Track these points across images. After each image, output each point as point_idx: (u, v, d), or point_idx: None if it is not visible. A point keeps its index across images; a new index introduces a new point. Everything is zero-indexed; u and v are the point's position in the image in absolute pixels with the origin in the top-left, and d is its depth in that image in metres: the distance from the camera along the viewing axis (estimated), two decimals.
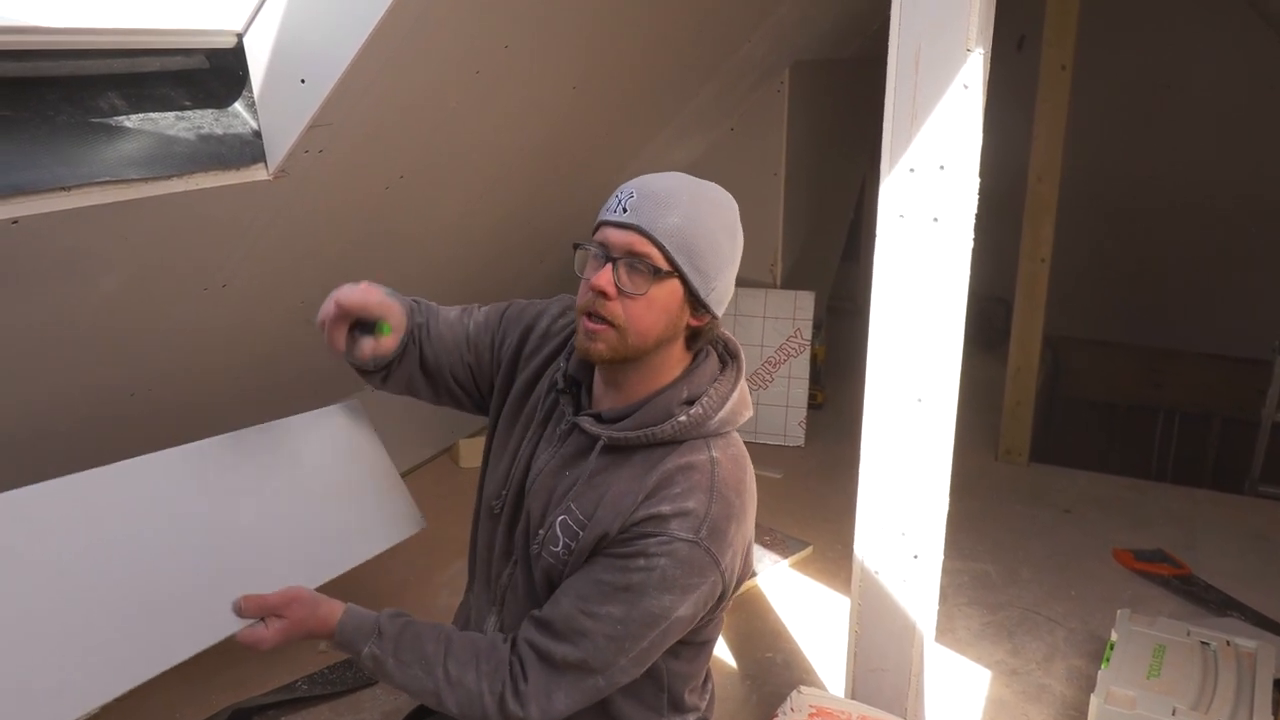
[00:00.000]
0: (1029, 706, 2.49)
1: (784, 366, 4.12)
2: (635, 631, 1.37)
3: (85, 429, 2.33)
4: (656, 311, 1.37)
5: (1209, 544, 3.29)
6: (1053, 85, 3.55)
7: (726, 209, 1.43)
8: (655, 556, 1.35)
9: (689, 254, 1.35)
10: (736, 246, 1.44)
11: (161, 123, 1.83)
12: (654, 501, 1.38)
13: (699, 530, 1.37)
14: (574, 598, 1.38)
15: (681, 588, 1.36)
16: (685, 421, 1.41)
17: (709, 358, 1.50)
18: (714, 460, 1.42)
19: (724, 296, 1.44)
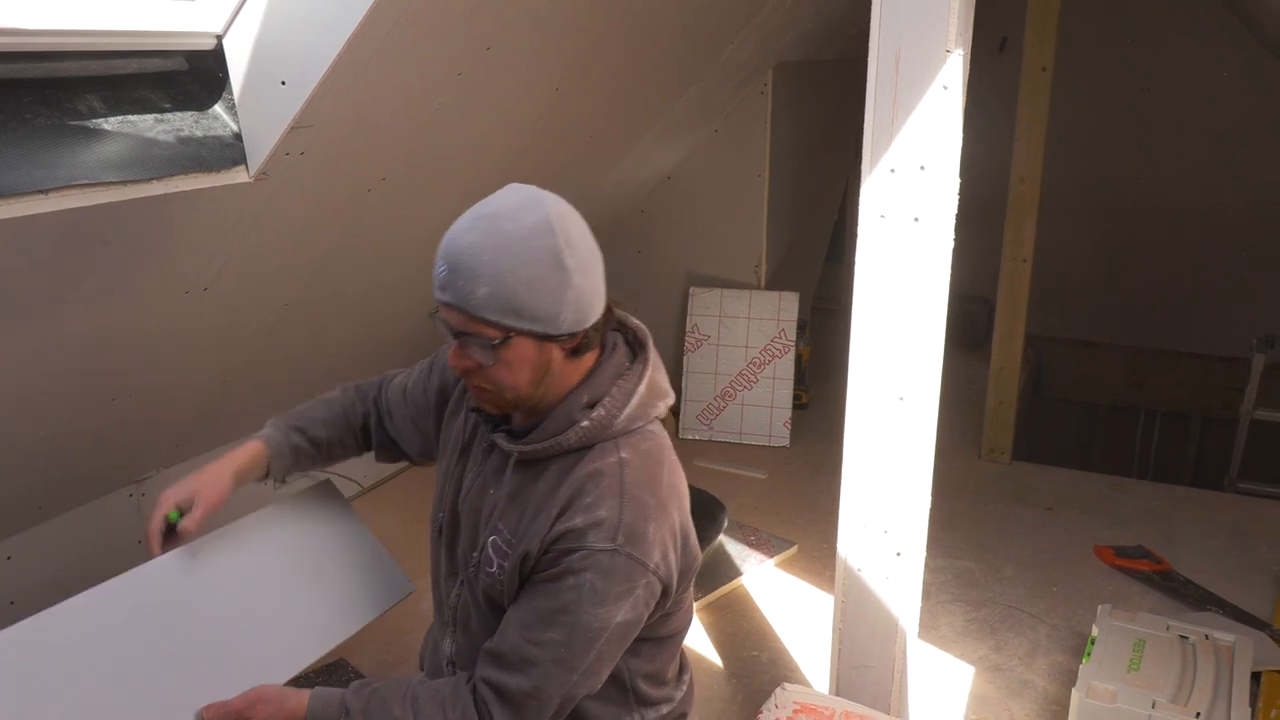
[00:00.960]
0: (1011, 702, 2.51)
1: (769, 367, 4.13)
2: (579, 650, 1.36)
3: (67, 434, 2.31)
4: (517, 368, 1.35)
5: (1188, 540, 3.32)
6: (1034, 86, 3.57)
7: (540, 237, 1.30)
8: (581, 572, 1.34)
9: (515, 312, 1.29)
10: (567, 264, 1.32)
11: (140, 125, 1.82)
12: (568, 515, 1.36)
13: (615, 538, 1.35)
14: (517, 627, 1.38)
15: (613, 597, 1.35)
16: (589, 426, 1.39)
17: (614, 352, 1.46)
18: (623, 462, 1.40)
19: (584, 311, 1.36)
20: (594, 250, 1.37)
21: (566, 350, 1.37)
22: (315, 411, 1.74)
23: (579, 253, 1.33)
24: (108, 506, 2.70)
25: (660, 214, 4.29)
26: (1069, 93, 4.24)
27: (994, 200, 3.72)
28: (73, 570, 2.63)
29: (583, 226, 1.37)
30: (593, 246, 1.37)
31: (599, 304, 1.38)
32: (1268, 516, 3.49)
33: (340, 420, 1.76)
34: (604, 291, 1.40)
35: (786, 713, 1.84)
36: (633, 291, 4.40)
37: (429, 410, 1.69)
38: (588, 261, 1.35)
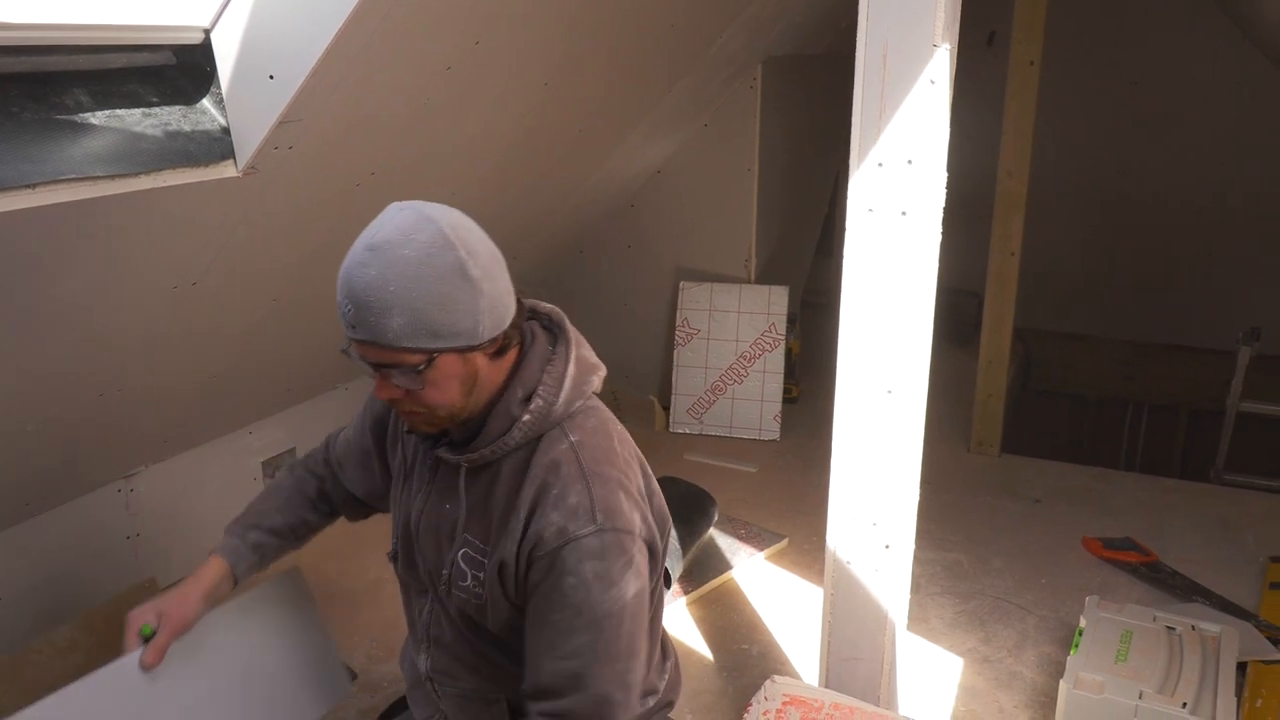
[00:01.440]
0: (1000, 693, 2.52)
1: (759, 361, 4.14)
2: (611, 638, 1.36)
3: (54, 430, 2.31)
4: (447, 385, 1.33)
5: (1176, 532, 3.34)
6: (1021, 80, 3.58)
7: (440, 254, 1.26)
8: (578, 566, 1.33)
9: (433, 334, 1.27)
10: (473, 275, 1.28)
11: (128, 120, 1.82)
12: (541, 514, 1.36)
13: (595, 518, 1.35)
14: (546, 652, 1.37)
15: (617, 573, 1.35)
16: (530, 420, 1.38)
17: (535, 341, 1.44)
18: (575, 445, 1.40)
19: (500, 314, 1.34)
20: (494, 253, 1.34)
21: (490, 355, 1.36)
22: (266, 502, 1.71)
23: (481, 260, 1.29)
24: (96, 502, 2.70)
25: (650, 208, 4.29)
26: (1057, 87, 4.25)
27: (983, 195, 3.74)
28: (61, 567, 2.63)
29: (478, 232, 1.34)
30: (492, 249, 1.34)
31: (511, 302, 1.37)
32: (1254, 508, 3.52)
33: (294, 499, 1.72)
34: (513, 288, 1.38)
35: (776, 705, 1.85)
36: (623, 286, 4.41)
37: (370, 450, 1.67)
38: (491, 266, 1.32)
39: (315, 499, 1.73)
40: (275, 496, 1.71)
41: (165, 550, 2.93)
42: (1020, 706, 2.48)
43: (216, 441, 3.04)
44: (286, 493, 1.72)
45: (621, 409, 4.30)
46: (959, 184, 1.87)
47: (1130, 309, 5.35)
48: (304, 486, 1.74)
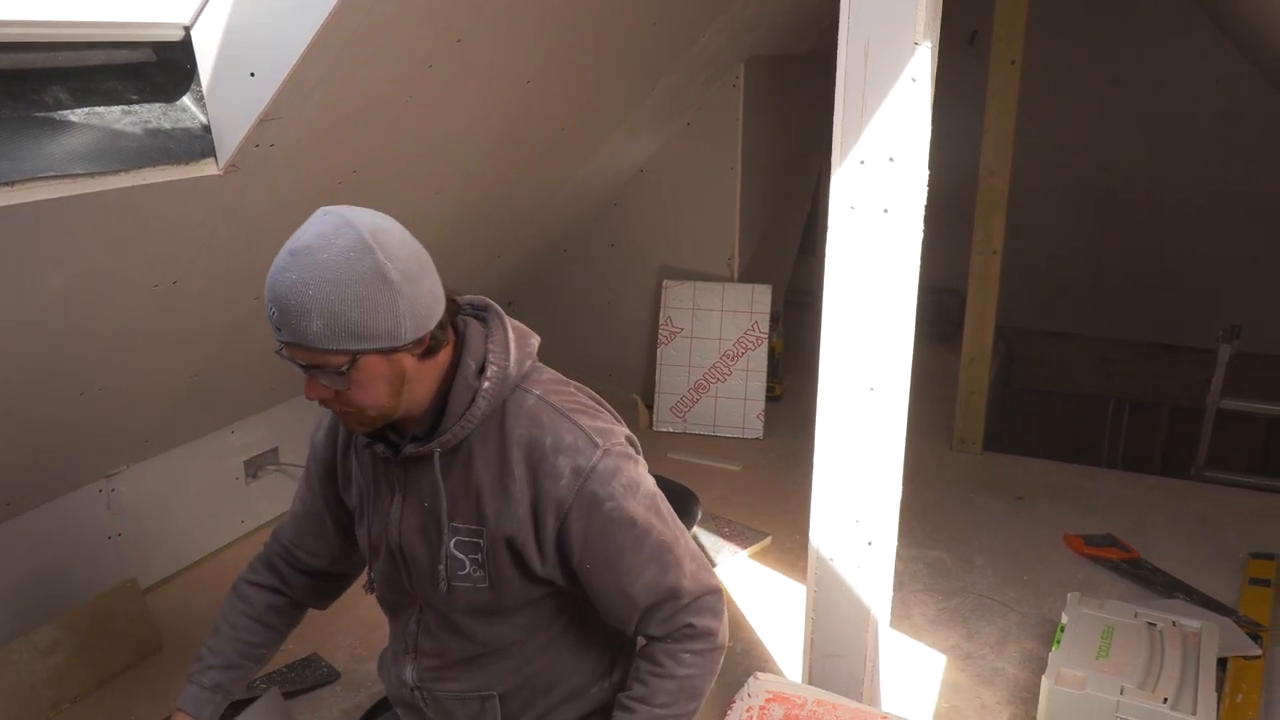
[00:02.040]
0: (983, 689, 2.54)
1: (742, 360, 4.15)
2: (664, 527, 1.45)
3: (33, 430, 2.29)
4: (373, 385, 1.33)
5: (1156, 528, 3.36)
6: (1003, 79, 3.60)
7: (358, 257, 1.27)
8: (607, 487, 1.39)
9: (354, 336, 1.28)
10: (391, 277, 1.28)
11: (108, 117, 1.81)
12: (546, 466, 1.39)
13: (595, 444, 1.40)
14: (631, 581, 1.42)
15: (636, 476, 1.44)
16: (490, 386, 1.39)
17: (469, 328, 1.45)
18: (541, 396, 1.44)
19: (423, 316, 1.33)
20: (418, 255, 1.34)
21: (417, 355, 1.36)
22: (216, 637, 1.68)
23: (401, 262, 1.29)
24: (78, 502, 2.68)
25: (633, 207, 4.30)
26: (1038, 86, 4.28)
27: (965, 193, 3.75)
28: (42, 567, 2.61)
29: (401, 236, 1.33)
30: (416, 252, 1.34)
31: (438, 304, 1.36)
32: (1234, 505, 3.55)
33: (245, 616, 1.68)
34: (440, 291, 1.37)
35: (759, 702, 1.85)
36: (606, 284, 4.41)
37: (323, 510, 1.64)
38: (413, 268, 1.31)
39: (264, 612, 1.69)
40: (224, 621, 1.67)
41: (147, 550, 2.91)
42: (1002, 702, 2.49)
43: (198, 441, 3.03)
44: (237, 614, 1.68)
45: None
46: (941, 183, 1.87)
47: (1112, 307, 5.38)
48: (250, 606, 1.69)
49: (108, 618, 2.59)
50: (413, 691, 1.58)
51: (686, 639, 1.46)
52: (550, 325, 4.65)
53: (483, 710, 1.54)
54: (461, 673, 1.54)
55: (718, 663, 1.50)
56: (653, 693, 1.45)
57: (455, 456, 1.43)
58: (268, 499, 3.35)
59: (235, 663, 1.65)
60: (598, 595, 1.45)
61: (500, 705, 1.53)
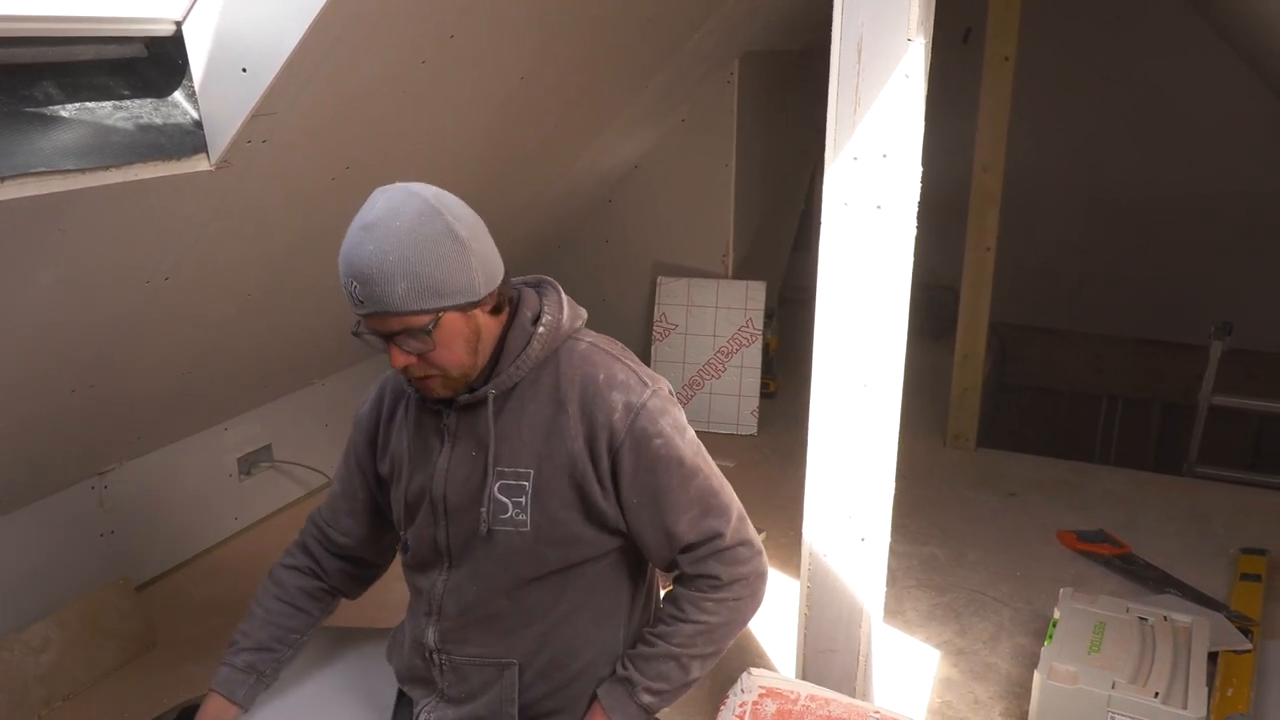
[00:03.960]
0: (975, 685, 2.54)
1: (736, 356, 4.15)
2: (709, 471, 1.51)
3: (26, 427, 2.29)
4: (455, 343, 1.42)
5: (1148, 524, 3.37)
6: (996, 76, 3.60)
7: (429, 221, 1.36)
8: (656, 423, 1.46)
9: (436, 294, 1.37)
10: (461, 235, 1.38)
11: (99, 112, 1.80)
12: (599, 399, 1.46)
13: (645, 383, 1.49)
14: (676, 518, 1.47)
15: (681, 419, 1.52)
16: (544, 332, 1.48)
17: (524, 294, 1.55)
18: (593, 343, 1.53)
19: (491, 271, 1.43)
20: (477, 219, 1.45)
21: (488, 311, 1.45)
22: (251, 618, 1.69)
23: (466, 222, 1.40)
24: (70, 499, 2.67)
25: (627, 203, 4.29)
26: (1031, 83, 4.28)
27: (959, 191, 3.75)
28: (34, 564, 2.60)
29: (459, 201, 1.44)
30: (474, 215, 1.45)
31: (499, 263, 1.46)
32: (1225, 500, 3.56)
33: (278, 599, 1.70)
34: (498, 254, 1.47)
35: (753, 696, 1.85)
36: (600, 281, 4.41)
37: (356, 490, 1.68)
38: (476, 228, 1.42)
39: (295, 595, 1.70)
40: (257, 609, 1.69)
41: (140, 548, 2.91)
42: (995, 697, 2.50)
43: (192, 438, 3.02)
44: (266, 602, 1.70)
45: None
46: (934, 181, 1.88)
47: (1105, 304, 5.39)
48: (282, 589, 1.70)
49: (100, 615, 2.59)
50: (431, 655, 1.58)
51: (711, 589, 1.50)
52: None
53: (501, 677, 1.53)
54: (483, 636, 1.54)
55: (745, 613, 1.55)
56: (673, 632, 1.51)
57: (507, 402, 1.49)
58: (261, 496, 3.34)
59: (268, 645, 1.66)
60: (640, 531, 1.50)
61: (519, 675, 1.54)
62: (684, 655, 1.51)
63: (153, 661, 2.64)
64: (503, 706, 1.54)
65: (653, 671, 1.51)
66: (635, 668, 1.52)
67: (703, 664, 1.55)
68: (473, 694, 1.56)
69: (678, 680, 1.53)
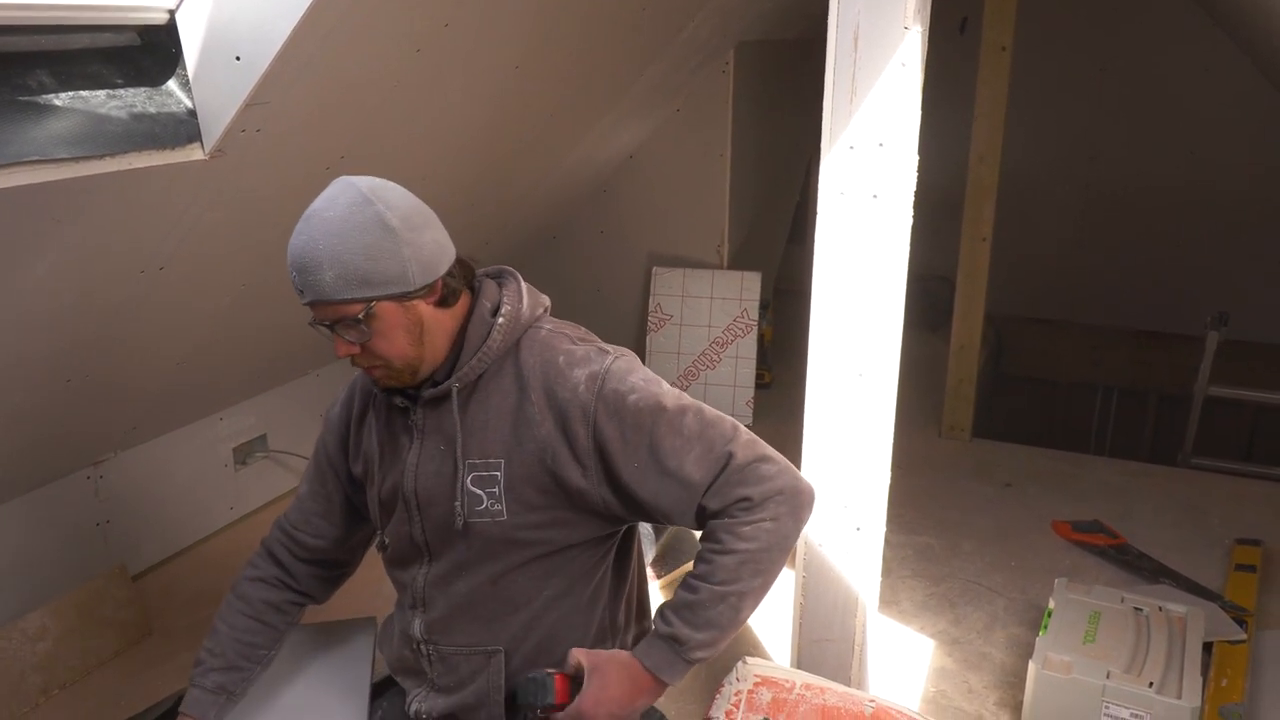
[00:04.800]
0: (970, 674, 2.55)
1: (731, 347, 4.15)
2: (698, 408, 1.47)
3: (21, 417, 2.28)
4: (393, 334, 1.41)
5: (1143, 515, 3.38)
6: (993, 66, 3.60)
7: (359, 210, 1.36)
8: (625, 381, 1.44)
9: (364, 282, 1.36)
10: (392, 224, 1.37)
11: (92, 101, 1.79)
12: (563, 381, 1.44)
13: (606, 351, 1.49)
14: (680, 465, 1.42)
15: (654, 375, 1.50)
16: (504, 323, 1.47)
17: (485, 285, 1.53)
18: (552, 330, 1.52)
19: (429, 261, 1.41)
20: (419, 208, 1.44)
21: (432, 303, 1.44)
22: (215, 635, 1.68)
23: (401, 211, 1.39)
24: (66, 489, 2.67)
25: (622, 194, 4.29)
26: (1028, 73, 4.27)
27: (955, 182, 3.75)
28: (30, 554, 2.60)
29: (400, 191, 1.43)
30: (417, 205, 1.44)
31: (444, 254, 1.44)
32: (1220, 491, 3.57)
33: (243, 615, 1.69)
34: (447, 242, 1.46)
35: (748, 685, 1.85)
36: (595, 271, 4.40)
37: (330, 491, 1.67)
38: (415, 219, 1.41)
39: (262, 610, 1.69)
40: (222, 625, 1.68)
41: (135, 537, 2.91)
42: (989, 687, 2.50)
43: (187, 428, 3.02)
44: (231, 618, 1.69)
45: None
46: (931, 172, 1.87)
47: (1100, 294, 5.39)
48: (248, 605, 1.69)
49: (97, 604, 2.59)
50: (418, 646, 1.58)
51: (742, 511, 1.41)
52: None
53: (488, 665, 1.54)
54: (468, 625, 1.54)
55: (789, 532, 1.44)
56: (714, 570, 1.41)
57: (472, 394, 1.48)
58: (256, 486, 3.34)
59: (236, 664, 1.66)
60: (656, 497, 1.43)
61: (505, 662, 1.54)
62: (732, 593, 1.40)
63: (149, 650, 2.64)
64: (490, 694, 1.54)
65: (702, 620, 1.41)
66: (682, 620, 1.41)
67: (754, 599, 1.44)
68: (461, 683, 1.56)
69: (730, 623, 1.43)
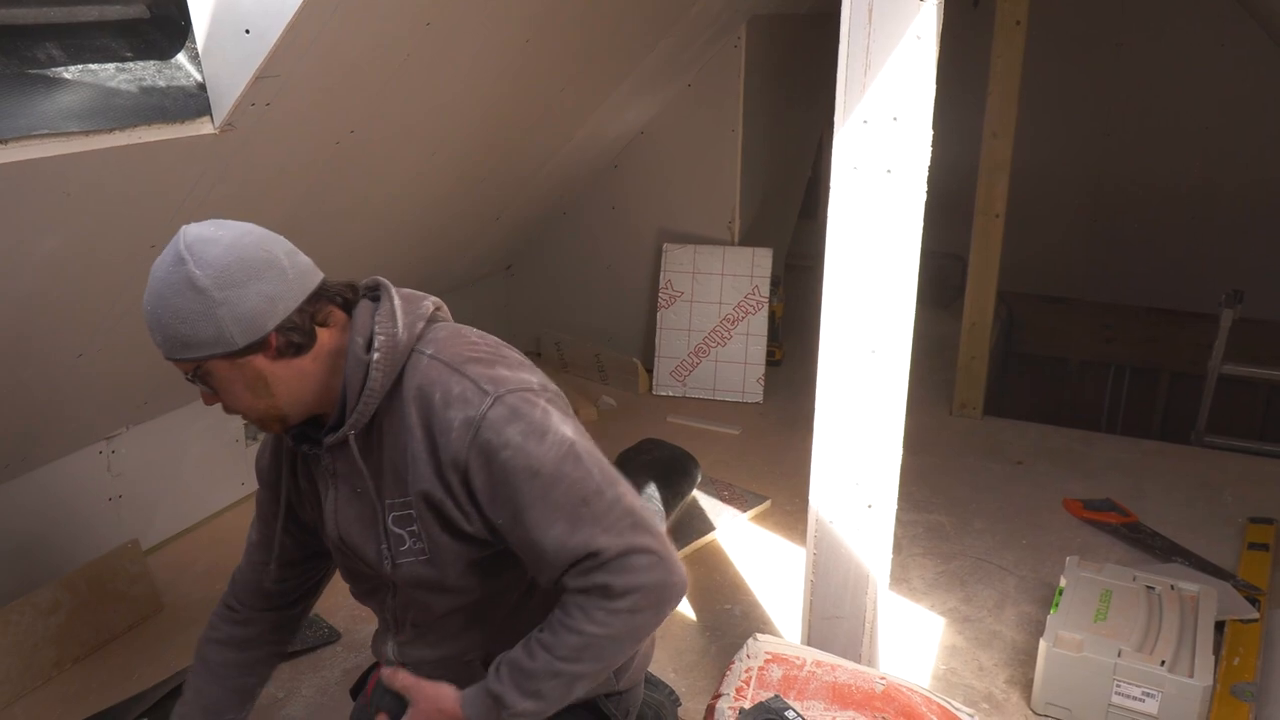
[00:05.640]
0: (980, 652, 2.55)
1: (742, 324, 4.14)
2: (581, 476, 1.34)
3: (32, 392, 2.29)
4: (233, 389, 1.38)
5: (1155, 493, 3.36)
6: (1007, 40, 3.56)
7: (172, 270, 1.29)
8: (500, 434, 1.33)
9: (183, 345, 1.32)
10: (201, 285, 1.28)
11: (101, 74, 1.79)
12: (438, 421, 1.35)
13: (484, 390, 1.35)
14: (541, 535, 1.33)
15: (541, 422, 1.35)
16: (381, 356, 1.37)
17: (357, 307, 1.43)
18: (433, 355, 1.39)
19: (254, 319, 1.31)
20: (243, 260, 1.31)
21: (271, 356, 1.35)
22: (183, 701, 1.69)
23: (215, 270, 1.29)
24: (78, 464, 2.68)
25: (633, 170, 4.26)
26: (1043, 48, 4.22)
27: (968, 159, 3.72)
28: (42, 529, 2.62)
29: (232, 241, 1.32)
30: (242, 257, 1.31)
31: (274, 306, 1.33)
32: (1233, 469, 3.55)
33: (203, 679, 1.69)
34: (283, 292, 1.34)
35: (759, 662, 1.86)
36: (606, 247, 4.39)
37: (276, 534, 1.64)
38: (235, 275, 1.30)
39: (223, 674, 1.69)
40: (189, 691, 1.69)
41: (148, 512, 2.92)
42: (1000, 665, 2.50)
43: (198, 403, 3.01)
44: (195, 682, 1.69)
45: (605, 371, 4.30)
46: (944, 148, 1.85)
47: (1113, 272, 5.36)
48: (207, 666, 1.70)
49: (109, 578, 2.60)
50: (396, 662, 1.58)
51: (600, 596, 1.33)
52: (549, 288, 4.65)
53: (467, 673, 1.52)
54: (436, 641, 1.54)
55: (642, 627, 1.37)
56: (557, 643, 1.35)
57: (372, 433, 1.41)
58: None
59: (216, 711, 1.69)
60: (518, 550, 1.39)
61: (482, 669, 1.51)
62: (568, 672, 1.35)
63: (161, 624, 2.66)
64: None
65: (531, 689, 1.36)
66: (513, 681, 1.37)
67: (590, 681, 1.39)
68: None
69: (557, 700, 1.38)
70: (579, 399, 4.03)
